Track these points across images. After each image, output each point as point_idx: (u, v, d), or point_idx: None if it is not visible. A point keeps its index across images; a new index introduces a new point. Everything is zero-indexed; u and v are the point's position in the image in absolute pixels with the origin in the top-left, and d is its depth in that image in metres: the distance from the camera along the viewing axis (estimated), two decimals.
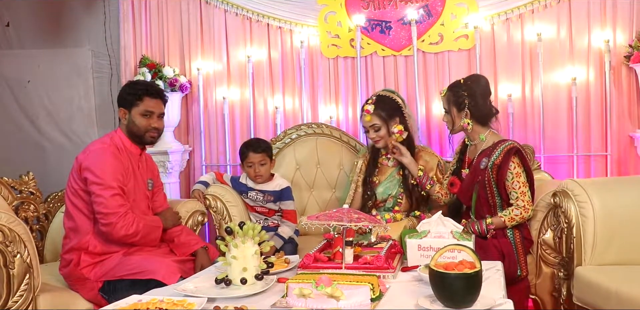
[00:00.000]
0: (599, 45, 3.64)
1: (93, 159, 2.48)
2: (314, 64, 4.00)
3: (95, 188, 2.43)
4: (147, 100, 2.62)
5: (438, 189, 2.97)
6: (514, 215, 2.63)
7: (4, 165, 4.02)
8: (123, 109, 2.63)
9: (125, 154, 2.59)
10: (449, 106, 2.81)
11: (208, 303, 1.78)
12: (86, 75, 4.37)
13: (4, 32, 4.44)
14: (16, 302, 2.22)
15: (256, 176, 3.13)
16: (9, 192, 2.87)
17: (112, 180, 2.44)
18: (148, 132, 2.63)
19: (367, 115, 3.01)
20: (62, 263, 2.56)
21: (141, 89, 2.63)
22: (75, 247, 2.50)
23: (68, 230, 2.56)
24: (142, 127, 2.61)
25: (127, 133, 2.63)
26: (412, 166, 2.99)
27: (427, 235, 2.21)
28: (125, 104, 2.63)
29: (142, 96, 2.61)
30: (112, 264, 2.47)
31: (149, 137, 2.64)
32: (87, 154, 2.51)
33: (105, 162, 2.47)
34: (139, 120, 2.60)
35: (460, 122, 2.77)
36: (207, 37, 4.09)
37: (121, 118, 2.63)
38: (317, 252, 2.20)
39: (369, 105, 3.02)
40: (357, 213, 2.19)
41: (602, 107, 3.67)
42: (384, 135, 3.03)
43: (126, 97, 2.62)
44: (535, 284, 2.74)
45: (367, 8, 3.87)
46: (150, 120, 2.62)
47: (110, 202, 2.41)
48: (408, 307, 1.74)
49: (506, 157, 2.63)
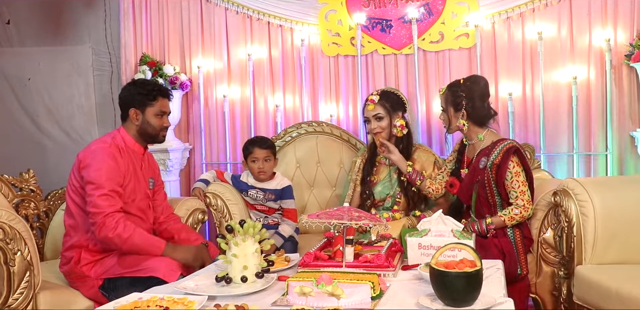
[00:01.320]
0: (600, 44, 3.64)
1: (91, 158, 2.47)
2: (315, 63, 4.00)
3: (89, 187, 2.42)
4: (160, 100, 2.64)
5: (428, 184, 2.97)
6: (514, 215, 2.63)
7: (5, 163, 4.02)
8: (135, 110, 2.61)
9: (128, 154, 2.58)
10: (447, 105, 2.81)
11: (208, 301, 1.78)
12: (86, 73, 4.36)
13: (4, 30, 4.44)
14: (16, 299, 2.22)
15: (259, 172, 3.13)
16: (10, 189, 2.87)
17: (105, 180, 2.43)
18: (162, 131, 2.66)
19: (371, 104, 3.01)
20: (62, 261, 2.56)
21: (155, 89, 2.64)
22: (76, 244, 2.50)
23: (68, 228, 2.56)
24: (157, 127, 2.63)
25: (138, 133, 2.63)
26: (400, 163, 2.99)
27: (428, 234, 2.22)
28: (137, 104, 2.62)
29: (156, 96, 2.62)
30: (112, 261, 2.47)
31: (161, 137, 2.68)
32: (86, 153, 2.51)
33: (102, 162, 2.46)
34: (154, 121, 2.62)
35: (457, 122, 2.77)
36: (208, 35, 4.08)
37: (132, 118, 2.61)
38: (317, 250, 2.20)
39: (374, 95, 3.04)
40: (358, 211, 2.19)
41: (603, 106, 3.67)
42: (386, 127, 3.02)
43: (137, 97, 2.61)
44: (535, 282, 2.74)
45: (367, 6, 3.87)
46: (162, 120, 2.65)
47: (98, 201, 2.39)
48: (408, 305, 1.74)
49: (505, 157, 2.63)
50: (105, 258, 2.50)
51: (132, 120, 2.62)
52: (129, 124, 2.64)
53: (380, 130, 3.02)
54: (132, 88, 2.65)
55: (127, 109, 2.63)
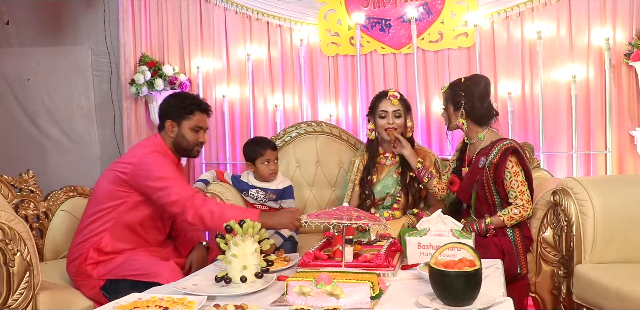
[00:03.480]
0: (599, 43, 3.64)
1: (148, 163, 2.48)
2: (314, 62, 4.00)
3: (159, 184, 2.44)
4: (197, 114, 2.65)
5: (435, 183, 2.97)
6: (513, 215, 2.63)
7: (4, 163, 4.02)
8: (171, 121, 2.63)
9: (167, 158, 2.61)
10: (447, 103, 2.83)
11: (208, 301, 1.78)
12: (86, 73, 4.37)
13: (3, 30, 4.44)
14: (16, 300, 2.21)
15: (272, 173, 3.14)
16: (9, 190, 2.87)
17: (171, 173, 2.48)
18: (196, 146, 2.67)
19: (395, 100, 3.00)
20: (71, 256, 2.56)
21: (193, 103, 2.64)
22: (89, 236, 2.51)
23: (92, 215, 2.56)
24: (191, 142, 2.65)
25: (173, 145, 2.64)
26: (412, 158, 3.00)
27: (427, 233, 2.22)
28: (173, 116, 2.63)
29: (193, 110, 2.63)
30: (116, 262, 2.48)
31: (196, 152, 2.69)
32: (139, 159, 2.51)
33: (159, 161, 2.50)
34: (189, 135, 2.64)
35: (456, 120, 2.78)
36: (207, 35, 4.09)
37: (168, 130, 2.63)
38: (317, 250, 2.20)
39: (395, 92, 3.03)
40: (357, 211, 2.19)
41: (602, 105, 3.67)
42: (402, 125, 3.02)
43: (175, 109, 2.62)
44: (535, 282, 2.74)
45: (366, 6, 3.87)
46: (198, 135, 2.65)
47: (175, 190, 2.42)
48: (408, 305, 1.74)
49: (503, 156, 2.64)
50: (110, 260, 2.50)
51: (168, 131, 2.64)
52: (165, 135, 2.66)
53: (396, 127, 3.02)
54: (172, 100, 2.68)
55: (164, 120, 2.65)
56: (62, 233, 2.98)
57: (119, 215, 2.52)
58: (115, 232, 2.52)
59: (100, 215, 2.52)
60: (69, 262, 2.57)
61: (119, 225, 2.53)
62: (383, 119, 3.02)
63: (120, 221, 2.53)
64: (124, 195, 2.52)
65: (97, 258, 2.50)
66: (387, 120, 3.01)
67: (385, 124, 3.02)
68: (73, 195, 3.09)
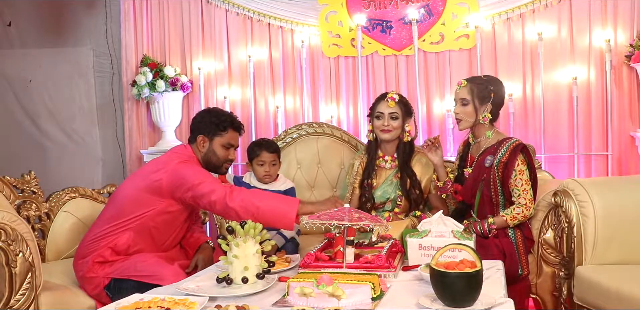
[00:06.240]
0: (600, 45, 3.64)
1: (182, 170, 2.49)
2: (315, 64, 4.00)
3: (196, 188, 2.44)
4: (230, 132, 2.67)
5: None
6: (516, 214, 2.63)
7: (6, 164, 4.03)
8: (203, 137, 2.65)
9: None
10: (472, 98, 2.71)
11: (209, 302, 1.79)
12: (87, 75, 4.37)
13: (5, 32, 4.45)
14: (18, 300, 2.22)
15: (265, 176, 3.13)
16: (11, 191, 2.87)
17: (204, 176, 2.49)
18: (225, 163, 2.69)
19: (392, 102, 2.96)
20: (81, 252, 2.56)
21: (227, 120, 2.67)
22: (107, 235, 2.52)
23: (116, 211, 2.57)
24: (221, 158, 2.67)
25: (202, 160, 2.66)
26: (441, 170, 2.90)
27: (428, 235, 2.22)
28: (206, 132, 2.65)
29: (227, 127, 2.66)
30: (123, 262, 2.49)
31: (224, 168, 2.71)
32: (173, 170, 2.51)
33: (191, 168, 2.52)
34: (220, 151, 2.66)
35: (481, 114, 2.72)
36: (208, 37, 4.09)
37: (199, 144, 2.65)
38: (318, 251, 2.20)
39: (395, 94, 2.99)
40: (358, 212, 2.19)
41: (603, 106, 3.68)
42: (398, 127, 2.99)
43: (209, 125, 2.64)
44: (536, 283, 2.74)
45: (368, 8, 3.88)
46: (228, 152, 2.68)
47: (211, 188, 2.42)
48: (409, 306, 1.74)
49: (512, 155, 2.63)
50: (117, 261, 2.51)
51: (199, 146, 2.66)
52: (195, 149, 2.67)
53: (392, 129, 2.98)
54: (207, 115, 2.70)
55: (196, 134, 2.67)
56: (64, 234, 2.98)
57: (145, 220, 2.53)
58: (134, 235, 2.53)
59: (124, 220, 2.53)
60: (77, 259, 2.58)
61: (140, 229, 2.54)
62: (379, 120, 3.01)
63: (143, 226, 2.54)
64: (156, 203, 2.53)
65: (108, 257, 2.51)
66: (382, 122, 2.98)
67: (380, 126, 2.99)
68: (75, 196, 3.09)
